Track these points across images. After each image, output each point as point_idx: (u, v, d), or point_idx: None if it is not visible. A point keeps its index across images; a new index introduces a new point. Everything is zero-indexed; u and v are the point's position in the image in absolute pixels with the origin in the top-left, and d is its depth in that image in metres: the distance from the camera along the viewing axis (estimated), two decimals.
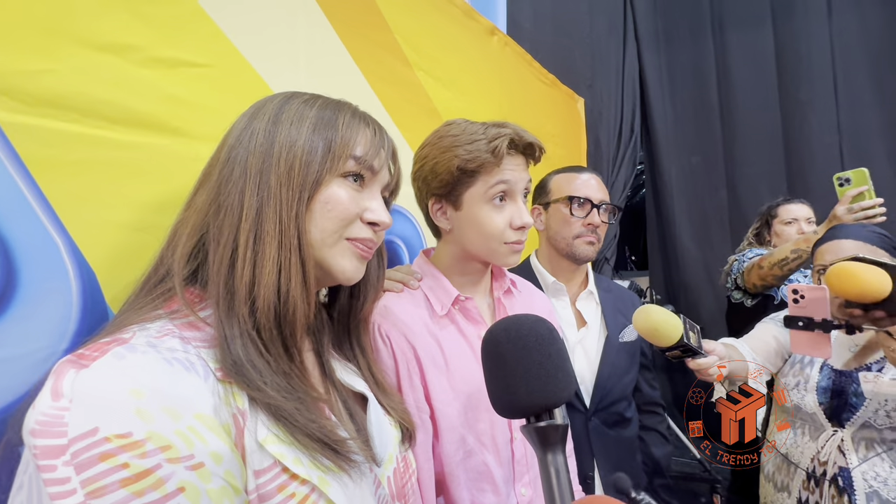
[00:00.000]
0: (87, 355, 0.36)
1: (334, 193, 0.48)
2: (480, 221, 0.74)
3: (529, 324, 0.43)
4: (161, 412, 0.34)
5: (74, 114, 0.58)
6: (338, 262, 0.49)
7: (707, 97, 2.58)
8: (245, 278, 0.43)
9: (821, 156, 2.34)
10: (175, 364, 0.37)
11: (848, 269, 0.77)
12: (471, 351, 0.76)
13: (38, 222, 0.54)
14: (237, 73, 0.76)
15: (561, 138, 1.96)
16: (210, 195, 0.46)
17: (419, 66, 1.17)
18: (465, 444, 0.73)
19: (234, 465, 0.37)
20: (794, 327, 0.91)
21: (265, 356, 0.43)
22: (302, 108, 0.49)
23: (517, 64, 1.66)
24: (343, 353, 0.59)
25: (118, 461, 0.32)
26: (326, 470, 0.42)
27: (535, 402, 0.39)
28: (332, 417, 0.49)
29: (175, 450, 0.34)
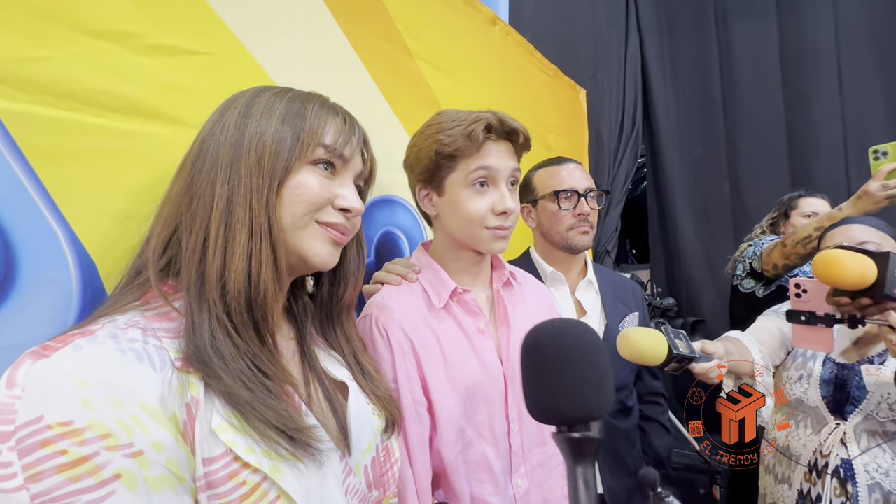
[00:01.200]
0: (51, 346, 0.37)
1: (304, 180, 0.49)
2: (461, 206, 0.74)
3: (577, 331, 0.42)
4: (105, 401, 0.35)
5: (72, 102, 0.57)
6: (311, 246, 0.50)
7: (710, 88, 2.56)
8: (216, 264, 0.44)
9: (825, 148, 2.32)
10: (129, 354, 0.38)
11: (832, 257, 0.78)
12: (469, 343, 0.76)
13: (38, 212, 0.54)
14: (236, 62, 0.75)
15: (563, 130, 1.94)
16: (183, 186, 0.48)
17: (420, 55, 1.15)
18: (464, 436, 0.73)
19: (178, 453, 0.38)
20: (797, 322, 0.91)
21: (235, 339, 0.44)
22: (272, 99, 0.50)
23: (519, 54, 1.64)
24: (328, 341, 0.60)
25: (57, 448, 0.33)
26: (281, 458, 0.42)
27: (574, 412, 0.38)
28: (301, 404, 0.49)
29: (114, 438, 0.35)
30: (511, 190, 0.77)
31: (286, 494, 0.41)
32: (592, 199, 1.13)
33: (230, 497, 0.39)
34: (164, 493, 0.37)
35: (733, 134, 2.52)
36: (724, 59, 2.54)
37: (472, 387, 0.73)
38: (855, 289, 0.78)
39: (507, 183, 0.76)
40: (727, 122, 2.54)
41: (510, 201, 0.74)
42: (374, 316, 0.72)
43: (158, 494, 0.36)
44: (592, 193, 1.13)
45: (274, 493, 0.41)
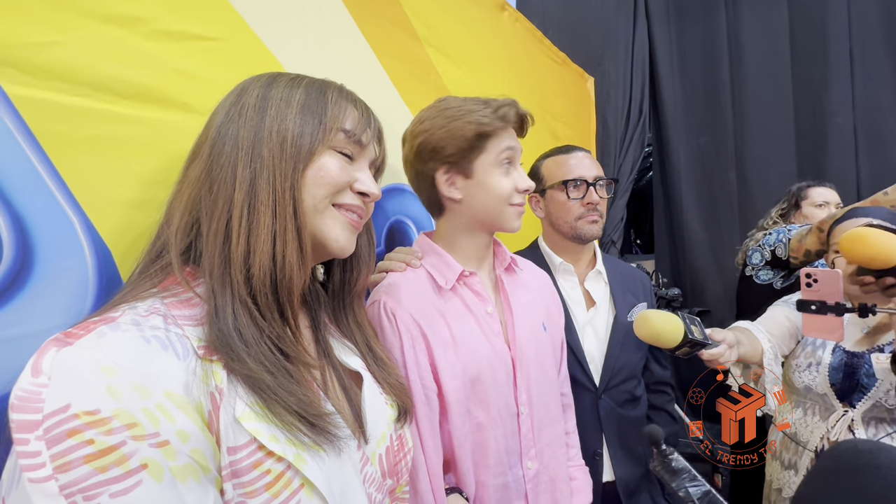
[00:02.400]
0: (74, 333, 0.37)
1: (326, 163, 0.50)
2: (492, 186, 0.77)
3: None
4: (131, 390, 0.35)
5: (84, 88, 0.57)
6: (330, 230, 0.51)
7: (718, 75, 2.52)
8: (240, 247, 0.44)
9: (834, 136, 2.29)
10: (153, 342, 0.38)
11: (860, 233, 0.79)
12: (478, 326, 0.76)
13: (53, 199, 0.54)
14: (246, 48, 0.74)
15: (571, 119, 1.92)
16: (202, 170, 0.48)
17: (429, 41, 1.14)
18: (473, 418, 0.74)
19: (203, 443, 0.38)
20: (807, 311, 0.91)
21: (258, 322, 0.44)
22: (289, 85, 0.51)
23: (527, 41, 1.62)
24: (340, 329, 0.60)
25: (84, 437, 0.33)
26: (304, 447, 0.43)
27: None
28: (319, 391, 0.49)
29: (140, 427, 0.35)
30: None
31: (309, 483, 0.42)
32: (601, 188, 1.12)
33: (255, 486, 0.40)
34: (189, 482, 0.37)
35: (741, 122, 2.48)
36: (733, 46, 2.50)
37: (482, 367, 0.74)
38: (880, 267, 0.78)
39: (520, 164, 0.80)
40: (735, 111, 2.50)
41: (528, 179, 0.80)
42: (381, 301, 0.72)
43: (183, 484, 0.36)
44: (601, 182, 1.12)
45: (298, 482, 0.42)
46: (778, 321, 1.11)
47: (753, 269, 1.64)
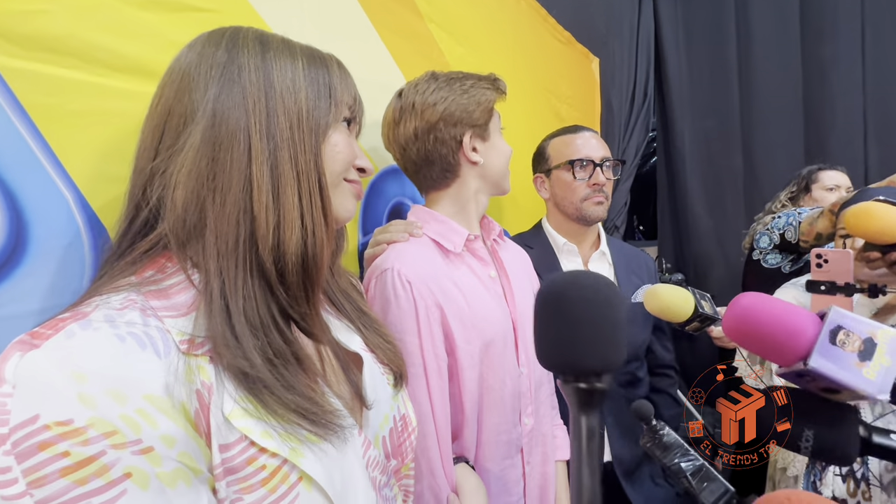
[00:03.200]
0: (41, 334, 0.34)
1: (340, 137, 0.49)
2: (501, 149, 0.85)
3: (596, 284, 0.40)
4: (105, 396, 0.33)
5: (73, 59, 0.54)
6: (342, 204, 0.51)
7: (725, 56, 2.46)
8: (270, 227, 0.42)
9: (843, 119, 2.25)
10: (129, 340, 0.35)
11: (866, 208, 0.77)
12: (485, 290, 0.79)
13: (46, 176, 0.52)
14: (242, 20, 0.70)
15: (575, 100, 1.89)
16: (203, 135, 0.41)
17: (431, 18, 1.10)
18: (485, 382, 0.76)
19: (190, 445, 0.36)
20: (816, 291, 0.90)
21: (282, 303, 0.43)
22: (284, 46, 0.47)
23: (532, 19, 1.57)
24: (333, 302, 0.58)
25: (58, 450, 0.31)
26: (300, 441, 0.40)
27: (589, 365, 0.37)
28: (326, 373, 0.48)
29: (120, 435, 0.33)
30: None
31: (308, 476, 0.40)
32: (608, 169, 1.11)
33: (250, 482, 0.38)
34: (179, 487, 0.35)
35: (747, 105, 2.44)
36: (742, 25, 2.44)
37: (496, 330, 0.77)
38: (887, 242, 0.78)
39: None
40: (742, 93, 2.45)
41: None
42: (395, 269, 0.71)
43: (173, 490, 0.35)
44: (608, 163, 1.10)
45: (295, 476, 0.40)
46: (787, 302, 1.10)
47: (761, 252, 1.62)
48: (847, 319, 0.46)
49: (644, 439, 0.58)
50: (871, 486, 0.91)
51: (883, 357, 0.43)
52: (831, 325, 0.45)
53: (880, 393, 0.43)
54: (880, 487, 0.90)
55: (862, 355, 0.44)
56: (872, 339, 0.44)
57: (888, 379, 0.43)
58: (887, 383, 0.43)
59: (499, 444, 0.78)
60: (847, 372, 0.44)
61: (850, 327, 0.45)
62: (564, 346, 0.38)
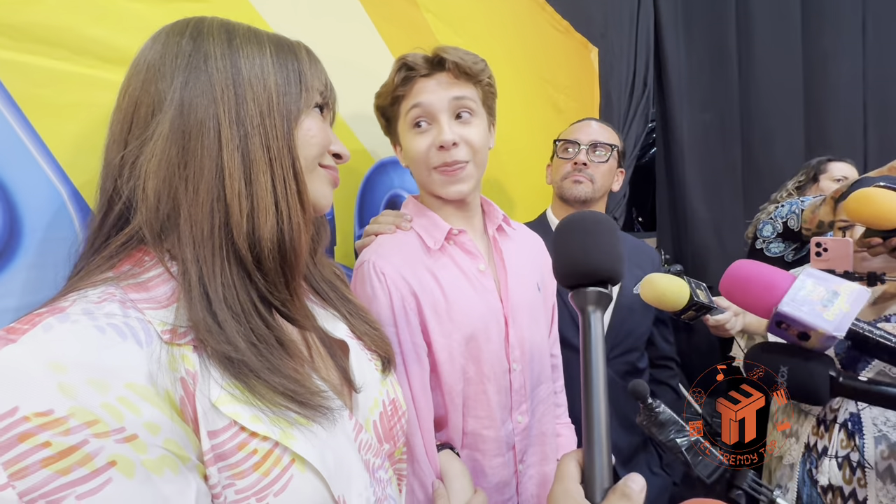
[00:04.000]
0: (17, 329, 0.34)
1: (313, 122, 0.48)
2: (407, 150, 0.75)
3: (605, 217, 0.52)
4: (86, 385, 0.33)
5: (64, 51, 0.54)
6: (319, 191, 0.50)
7: (725, 47, 2.44)
8: (244, 213, 0.42)
9: (843, 109, 2.24)
10: (109, 331, 0.35)
11: (868, 193, 0.77)
12: (469, 284, 0.76)
13: (39, 168, 0.52)
14: (234, 10, 0.70)
15: (574, 91, 1.87)
16: (172, 124, 0.41)
17: (427, 7, 1.09)
18: (466, 374, 0.74)
19: (176, 433, 0.36)
20: None
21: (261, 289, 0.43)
22: (250, 34, 0.47)
23: (530, 8, 1.56)
24: (317, 292, 0.59)
25: (38, 440, 0.31)
26: (290, 424, 0.40)
27: (605, 270, 0.47)
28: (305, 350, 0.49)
29: (103, 424, 0.33)
30: (459, 122, 0.73)
31: (300, 458, 0.40)
32: (594, 153, 1.10)
33: (243, 467, 0.38)
34: (166, 474, 0.35)
35: (747, 96, 2.42)
36: (742, 15, 2.41)
37: (475, 324, 0.74)
38: (888, 227, 0.77)
39: (450, 115, 0.72)
40: (741, 84, 2.43)
41: (449, 133, 0.70)
42: (371, 261, 0.71)
43: (160, 477, 0.35)
44: (598, 145, 1.10)
45: (288, 458, 0.40)
46: None
47: (764, 241, 1.62)
48: (817, 275, 0.55)
49: (640, 417, 0.61)
50: (866, 473, 0.92)
51: (843, 304, 0.53)
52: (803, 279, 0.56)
53: (836, 331, 0.52)
54: (875, 473, 0.91)
55: (825, 302, 0.54)
56: (836, 291, 0.54)
57: (845, 321, 0.52)
58: (844, 324, 0.52)
59: (486, 439, 0.76)
60: (810, 314, 0.53)
61: (819, 279, 0.55)
62: (585, 256, 0.47)
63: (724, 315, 0.87)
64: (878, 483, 0.91)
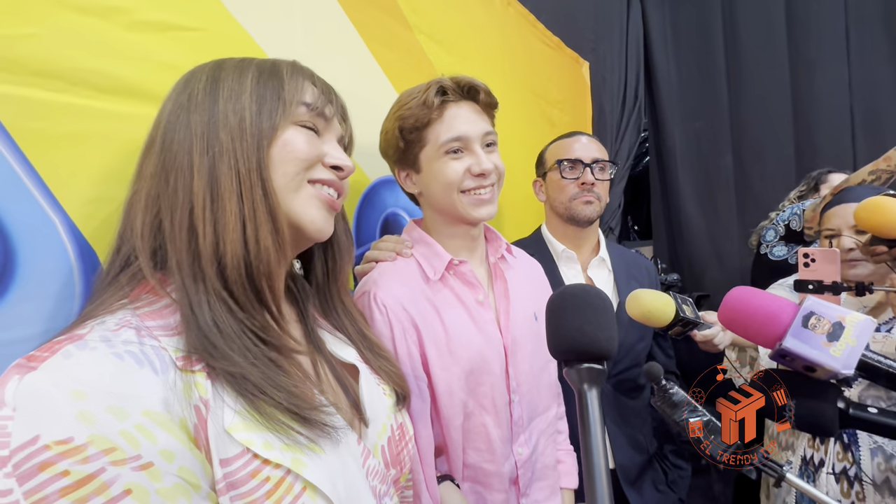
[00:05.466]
0: (37, 356, 0.34)
1: (292, 137, 0.47)
2: (437, 177, 0.74)
3: (594, 290, 0.50)
4: (105, 413, 0.33)
5: (61, 82, 0.54)
6: (305, 212, 0.48)
7: (713, 58, 2.49)
8: (208, 238, 0.42)
9: (830, 117, 2.27)
10: (126, 358, 0.36)
11: (877, 202, 0.79)
12: (468, 315, 0.75)
13: (33, 200, 0.52)
14: (231, 38, 0.71)
15: (566, 105, 1.90)
16: (156, 163, 0.45)
17: (419, 28, 1.11)
18: (466, 408, 0.73)
19: (190, 460, 0.36)
20: (804, 291, 0.91)
21: (237, 314, 0.42)
22: (239, 66, 0.48)
23: (520, 25, 1.58)
24: (330, 321, 0.59)
25: (58, 469, 0.31)
26: (301, 449, 0.41)
27: (596, 348, 0.45)
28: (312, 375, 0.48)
29: (120, 451, 0.33)
30: (488, 150, 0.76)
31: (311, 485, 0.40)
32: (600, 171, 1.11)
33: (255, 495, 0.38)
34: (179, 502, 0.35)
35: (737, 105, 2.46)
36: (728, 28, 2.46)
37: (474, 358, 0.73)
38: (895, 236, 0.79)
39: (482, 146, 0.75)
40: (730, 94, 2.48)
41: (487, 161, 0.74)
42: (371, 292, 0.71)
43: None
44: (600, 164, 1.11)
45: (300, 486, 0.40)
46: None
47: (767, 246, 1.64)
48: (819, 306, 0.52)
49: (655, 398, 0.62)
50: (864, 486, 0.92)
51: (849, 338, 0.50)
52: (805, 311, 0.52)
53: (845, 368, 0.49)
54: (873, 486, 0.91)
55: (830, 336, 0.50)
56: (841, 323, 0.51)
57: (853, 357, 0.49)
58: (852, 360, 0.49)
59: (487, 473, 0.75)
60: (816, 351, 0.50)
61: (822, 313, 0.52)
62: (577, 335, 0.46)
63: (712, 330, 0.88)
64: (877, 497, 0.90)
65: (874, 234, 0.82)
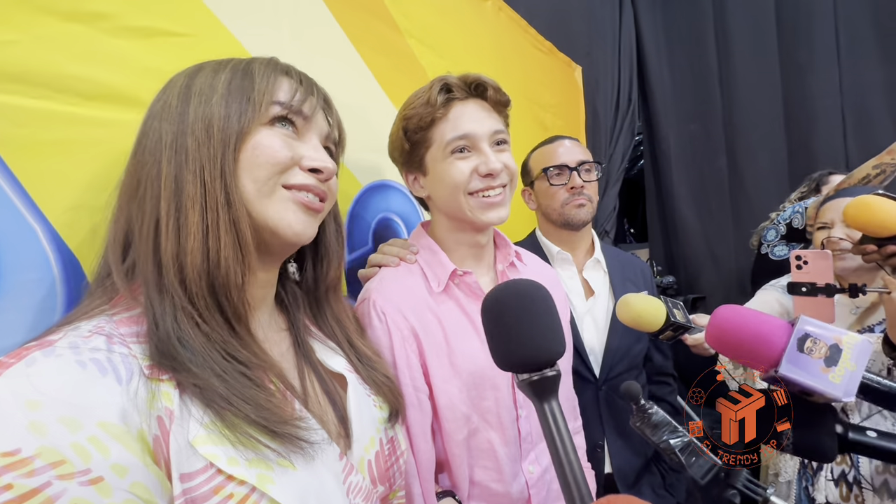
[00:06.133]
0: (3, 362, 0.34)
1: (262, 140, 0.45)
2: (444, 179, 0.70)
3: (526, 286, 0.45)
4: (57, 423, 0.32)
5: (44, 90, 0.54)
6: (280, 216, 0.45)
7: (706, 62, 2.51)
8: (170, 249, 0.41)
9: (822, 118, 2.29)
10: (90, 366, 0.35)
11: (866, 200, 0.79)
12: (472, 327, 0.73)
13: (14, 208, 0.51)
14: (218, 43, 0.71)
15: (559, 109, 1.90)
16: (130, 172, 0.44)
17: (410, 32, 1.11)
18: (470, 423, 0.71)
19: (145, 475, 0.35)
20: (798, 293, 0.91)
21: (202, 327, 0.41)
22: (214, 70, 0.47)
23: (512, 30, 1.59)
24: (322, 329, 0.57)
25: (2, 482, 0.30)
26: (269, 465, 0.39)
27: (536, 359, 0.41)
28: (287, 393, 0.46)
29: (69, 465, 0.32)
30: (498, 149, 0.72)
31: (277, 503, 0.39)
32: (587, 172, 1.11)
33: None
34: None
35: (729, 108, 2.48)
36: (720, 32, 2.48)
37: (478, 372, 0.70)
38: (884, 234, 0.79)
39: (491, 144, 0.71)
40: (723, 96, 2.50)
41: (495, 161, 0.69)
42: (371, 299, 0.69)
43: None
44: (586, 165, 1.11)
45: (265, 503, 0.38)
46: (768, 304, 1.11)
47: (769, 245, 1.64)
48: (813, 327, 0.48)
49: (633, 419, 0.60)
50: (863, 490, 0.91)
51: (848, 362, 0.46)
52: (799, 333, 0.48)
53: (846, 396, 0.46)
54: (872, 490, 0.90)
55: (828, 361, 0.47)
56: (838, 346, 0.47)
57: (853, 382, 0.46)
58: (852, 386, 0.46)
59: (496, 493, 0.71)
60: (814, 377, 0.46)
61: (817, 335, 0.48)
62: (514, 347, 0.42)
63: (703, 334, 0.88)
64: (876, 500, 0.90)
65: (863, 233, 0.82)
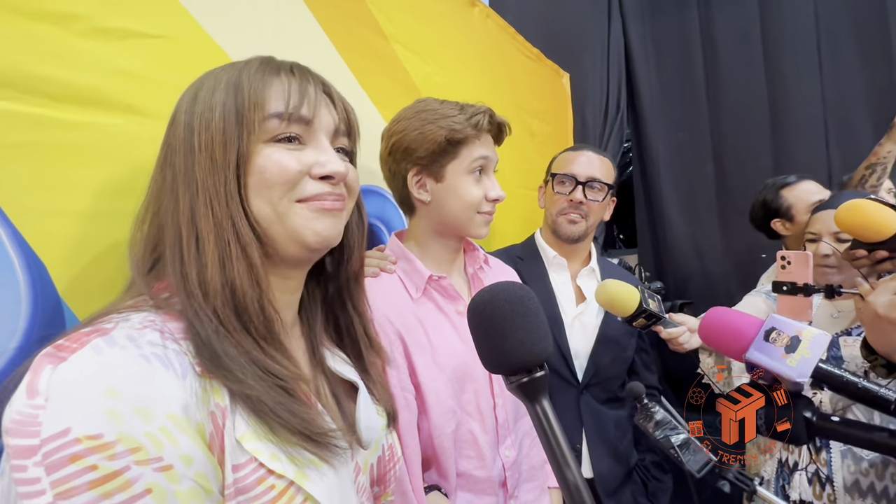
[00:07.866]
0: (66, 346, 0.35)
1: (265, 162, 0.43)
2: (461, 192, 0.78)
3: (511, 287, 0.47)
4: (133, 413, 0.34)
5: (12, 91, 0.53)
6: (304, 227, 0.45)
7: (693, 71, 2.55)
8: (193, 276, 0.42)
9: (805, 127, 2.33)
10: (153, 361, 0.36)
11: (856, 204, 0.80)
12: (451, 327, 0.78)
13: None
14: (195, 46, 0.70)
15: (547, 115, 1.92)
16: (155, 189, 0.46)
17: (395, 38, 1.11)
18: (455, 416, 0.75)
19: (206, 466, 0.37)
20: (780, 292, 0.95)
21: (238, 347, 0.42)
22: (213, 84, 0.45)
23: (499, 37, 1.60)
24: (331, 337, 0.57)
25: (87, 463, 0.32)
26: (306, 463, 0.42)
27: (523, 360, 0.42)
28: (318, 404, 0.48)
29: (144, 452, 0.34)
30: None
31: (312, 498, 0.42)
32: (593, 190, 1.10)
33: (260, 501, 0.39)
34: None
35: (716, 116, 2.52)
36: (707, 43, 2.53)
37: (459, 367, 0.76)
38: (874, 239, 0.80)
39: (493, 173, 0.82)
40: (710, 105, 2.53)
41: (500, 190, 0.81)
42: None
43: None
44: (595, 184, 1.10)
45: (301, 497, 0.42)
46: (756, 306, 1.12)
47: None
48: (780, 322, 0.59)
49: (637, 416, 0.66)
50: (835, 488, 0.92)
51: (805, 350, 0.56)
52: (766, 326, 0.60)
53: (799, 377, 0.55)
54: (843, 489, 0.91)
55: (788, 349, 0.57)
56: (798, 337, 0.57)
57: (808, 366, 0.55)
58: (806, 370, 0.55)
59: (478, 479, 0.76)
60: (775, 361, 0.57)
61: (782, 328, 0.59)
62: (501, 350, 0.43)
63: (677, 329, 0.90)
64: (847, 498, 0.91)
65: (854, 237, 0.83)
